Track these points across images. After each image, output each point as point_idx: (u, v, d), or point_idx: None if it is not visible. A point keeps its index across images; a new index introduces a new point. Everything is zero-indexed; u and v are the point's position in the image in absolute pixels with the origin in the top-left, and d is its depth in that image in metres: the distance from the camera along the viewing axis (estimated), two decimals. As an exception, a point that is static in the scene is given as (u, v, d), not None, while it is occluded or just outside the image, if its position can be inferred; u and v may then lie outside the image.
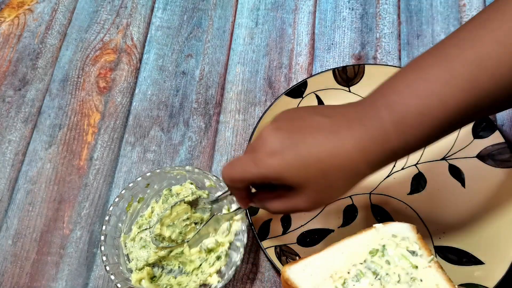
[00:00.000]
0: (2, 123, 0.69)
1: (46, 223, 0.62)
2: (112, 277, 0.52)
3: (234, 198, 0.55)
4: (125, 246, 0.57)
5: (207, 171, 0.57)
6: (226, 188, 0.54)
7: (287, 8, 0.76)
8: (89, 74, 0.72)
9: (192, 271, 0.56)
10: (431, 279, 0.42)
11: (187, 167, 0.57)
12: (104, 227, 0.55)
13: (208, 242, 0.56)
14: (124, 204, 0.58)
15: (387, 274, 0.42)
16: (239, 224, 0.55)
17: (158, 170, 0.58)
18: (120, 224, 0.57)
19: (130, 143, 0.67)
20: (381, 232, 0.45)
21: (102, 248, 0.54)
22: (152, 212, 0.59)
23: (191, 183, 0.58)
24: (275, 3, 0.77)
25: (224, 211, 0.57)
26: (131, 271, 0.55)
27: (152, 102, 0.70)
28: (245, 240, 0.54)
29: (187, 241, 0.56)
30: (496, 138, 0.60)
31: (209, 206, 0.57)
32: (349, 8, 0.76)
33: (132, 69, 0.72)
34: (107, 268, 0.53)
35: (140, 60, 0.73)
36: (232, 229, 0.56)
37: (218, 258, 0.55)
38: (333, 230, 0.59)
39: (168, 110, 0.69)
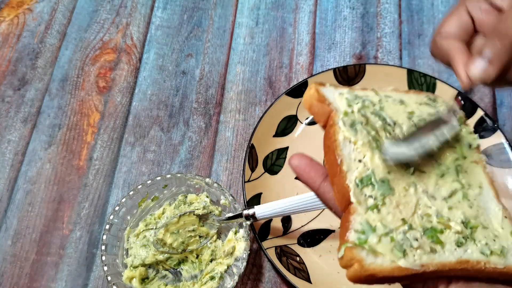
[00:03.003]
0: (1, 123, 0.68)
1: (46, 223, 0.62)
2: (105, 268, 0.52)
3: (244, 223, 0.54)
4: (127, 240, 0.57)
5: (226, 189, 0.57)
6: (239, 211, 0.53)
7: (287, 8, 0.76)
8: (89, 73, 0.72)
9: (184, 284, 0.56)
10: (476, 176, 0.38)
11: (207, 180, 0.57)
12: (111, 217, 0.55)
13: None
14: (138, 198, 0.57)
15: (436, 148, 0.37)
16: (241, 249, 0.54)
17: (179, 175, 0.57)
18: (128, 217, 0.57)
19: (130, 143, 0.67)
20: (431, 105, 0.41)
21: (104, 237, 0.54)
22: (162, 213, 0.58)
23: (207, 196, 0.58)
24: (275, 2, 0.77)
25: (231, 233, 0.56)
26: (125, 266, 0.55)
27: (152, 102, 0.70)
28: (242, 268, 0.53)
29: (189, 251, 0.56)
30: (497, 138, 0.60)
31: (217, 224, 0.56)
32: (350, 8, 0.76)
33: (132, 69, 0.72)
34: (103, 258, 0.53)
35: (140, 59, 0.73)
36: (234, 253, 0.55)
37: (212, 278, 0.54)
38: (334, 231, 0.58)
39: (168, 110, 0.69)
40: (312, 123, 0.65)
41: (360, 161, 0.35)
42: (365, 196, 0.34)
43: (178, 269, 0.57)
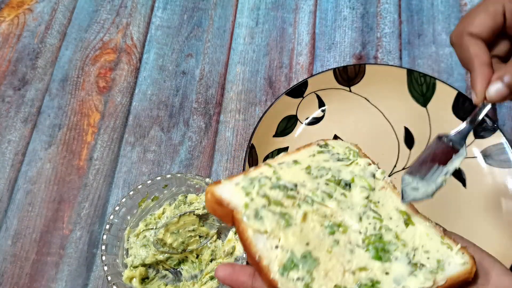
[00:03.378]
0: (1, 123, 0.69)
1: (46, 223, 0.62)
2: (105, 268, 0.53)
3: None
4: (128, 240, 0.57)
5: None
6: None
7: (287, 8, 0.76)
8: (89, 73, 0.72)
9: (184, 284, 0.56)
10: (389, 202, 0.38)
11: (207, 179, 0.57)
12: (111, 216, 0.55)
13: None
14: (138, 198, 0.58)
15: (342, 195, 0.38)
16: (241, 249, 0.54)
17: (179, 175, 0.58)
18: (129, 217, 0.58)
19: (130, 143, 0.67)
20: (325, 152, 0.41)
21: (105, 237, 0.54)
22: (163, 213, 0.59)
23: None
24: (275, 2, 0.77)
25: (231, 233, 0.56)
26: (126, 266, 0.55)
27: (152, 102, 0.70)
28: None
29: (189, 251, 0.56)
30: (497, 138, 0.60)
31: (217, 224, 0.56)
32: (350, 8, 0.76)
33: (132, 69, 0.72)
34: (103, 258, 0.53)
35: (140, 59, 0.73)
36: (234, 253, 0.55)
37: (212, 278, 0.54)
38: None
39: (168, 110, 0.69)
40: (312, 123, 0.65)
41: (276, 247, 0.35)
42: (294, 281, 0.34)
43: (178, 269, 0.57)
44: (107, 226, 0.55)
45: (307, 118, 0.65)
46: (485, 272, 0.35)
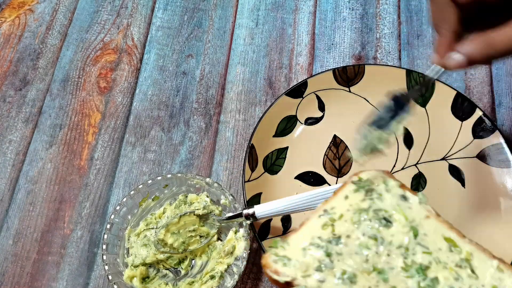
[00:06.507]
0: (3, 123, 0.69)
1: (47, 223, 0.62)
2: (106, 267, 0.53)
3: (244, 223, 0.54)
4: (128, 240, 0.57)
5: (226, 189, 0.57)
6: (239, 211, 0.53)
7: (287, 8, 0.77)
8: (90, 74, 0.72)
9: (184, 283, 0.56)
10: (437, 232, 0.39)
11: (208, 179, 0.57)
12: (112, 216, 0.56)
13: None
14: (139, 198, 0.58)
15: (386, 234, 0.39)
16: (241, 249, 0.55)
17: (179, 174, 0.58)
18: (129, 217, 0.58)
19: (130, 143, 0.67)
20: (360, 190, 0.43)
21: (105, 236, 0.54)
22: (163, 213, 0.59)
23: (207, 196, 0.58)
24: (275, 3, 0.77)
25: (231, 233, 0.56)
26: (126, 265, 0.56)
27: (152, 102, 0.70)
28: (242, 268, 0.53)
29: (189, 251, 0.56)
30: (496, 138, 0.61)
31: (218, 224, 0.56)
32: (349, 8, 0.76)
33: (132, 69, 0.73)
34: (104, 257, 0.53)
35: (141, 60, 0.73)
36: (234, 252, 0.55)
37: (212, 277, 0.54)
38: (333, 230, 0.59)
39: (169, 110, 0.69)
40: (311, 123, 0.66)
41: None
42: None
43: (178, 268, 0.57)
44: (108, 226, 0.55)
45: (306, 119, 0.66)
46: None
